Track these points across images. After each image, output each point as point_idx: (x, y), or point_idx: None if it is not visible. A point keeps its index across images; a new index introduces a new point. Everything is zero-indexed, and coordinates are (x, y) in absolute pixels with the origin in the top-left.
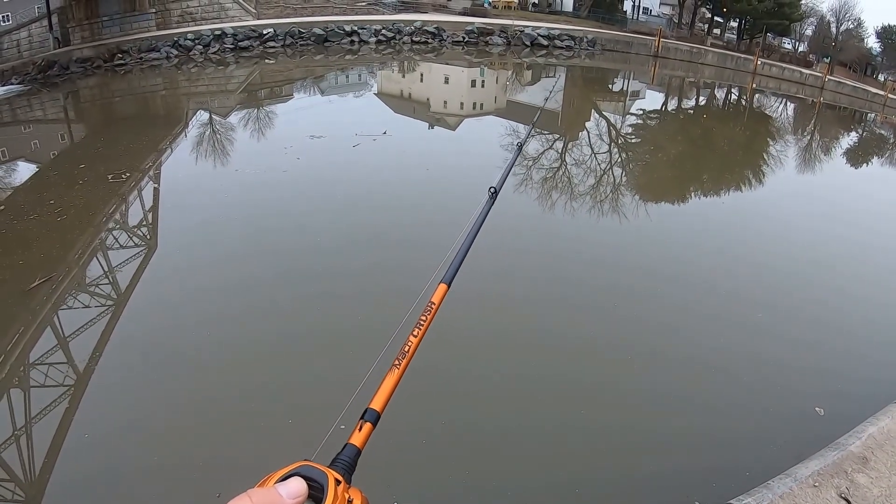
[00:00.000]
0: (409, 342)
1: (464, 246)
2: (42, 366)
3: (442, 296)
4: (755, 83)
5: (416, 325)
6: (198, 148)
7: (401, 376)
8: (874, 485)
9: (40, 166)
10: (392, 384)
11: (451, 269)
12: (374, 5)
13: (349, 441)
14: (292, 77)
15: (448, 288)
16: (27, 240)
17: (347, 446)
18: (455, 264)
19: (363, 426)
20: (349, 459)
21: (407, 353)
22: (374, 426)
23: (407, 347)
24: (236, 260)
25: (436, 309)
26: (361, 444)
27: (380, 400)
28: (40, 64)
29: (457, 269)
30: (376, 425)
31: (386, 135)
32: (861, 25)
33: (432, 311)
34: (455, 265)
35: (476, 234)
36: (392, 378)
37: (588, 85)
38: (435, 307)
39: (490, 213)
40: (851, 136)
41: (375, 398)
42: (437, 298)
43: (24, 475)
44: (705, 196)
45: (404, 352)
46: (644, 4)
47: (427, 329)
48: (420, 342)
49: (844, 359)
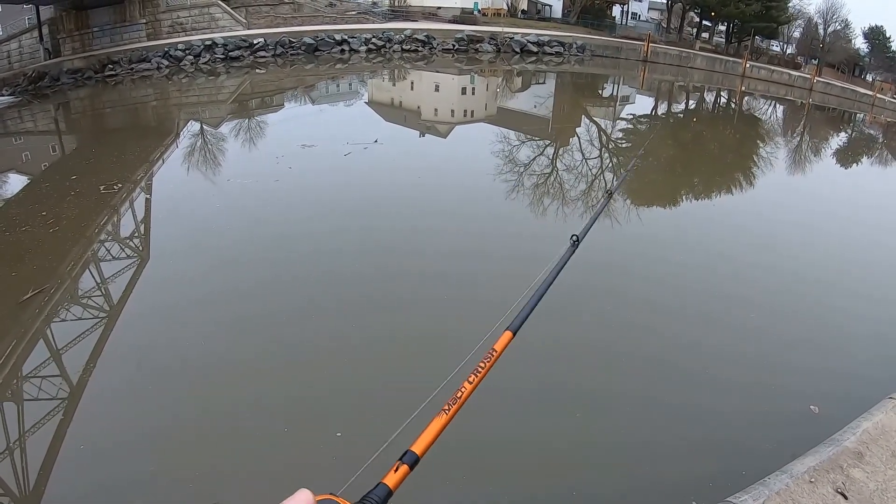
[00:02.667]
0: (464, 388)
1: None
2: (35, 378)
3: (506, 344)
4: (744, 86)
5: (474, 371)
6: (189, 158)
7: (448, 422)
8: (870, 479)
9: (32, 178)
10: (438, 429)
11: (519, 318)
12: (364, 14)
13: (382, 481)
14: (283, 87)
15: (513, 337)
16: (19, 252)
17: (380, 486)
18: (524, 313)
19: (399, 467)
20: (378, 499)
21: (459, 398)
22: (411, 470)
23: (460, 393)
24: (228, 270)
25: (496, 357)
26: (394, 485)
27: (422, 444)
28: (31, 75)
29: (525, 318)
30: (413, 469)
31: (377, 143)
32: (848, 27)
33: (493, 358)
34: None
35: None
36: (438, 423)
37: (578, 90)
38: (496, 355)
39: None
40: (841, 137)
41: (418, 441)
42: (500, 347)
43: (19, 489)
44: (696, 199)
45: (457, 397)
46: (633, 10)
47: (484, 377)
48: (475, 389)
49: (838, 357)
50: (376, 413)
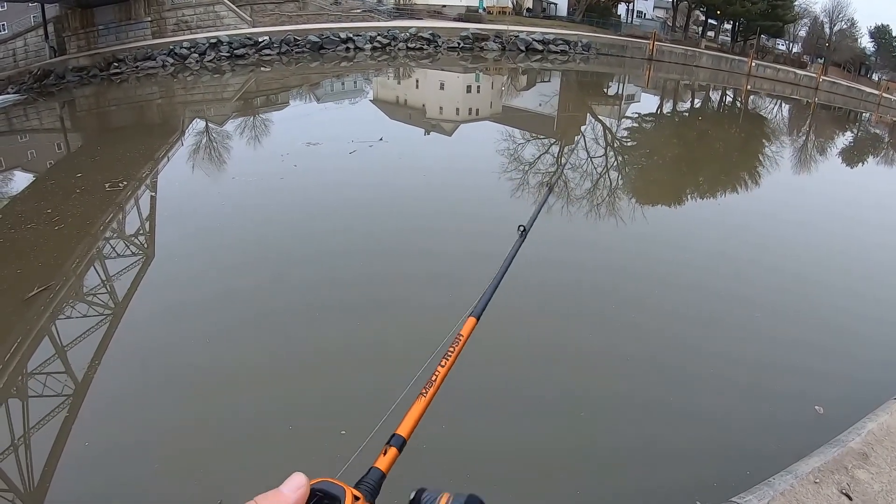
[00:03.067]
0: (437, 372)
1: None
2: (40, 375)
3: (471, 329)
4: (750, 85)
5: (444, 355)
6: (194, 156)
7: (427, 404)
8: (875, 480)
9: (37, 175)
10: (419, 412)
11: (480, 303)
12: (369, 12)
13: (374, 465)
14: (288, 84)
15: (477, 321)
16: (24, 249)
17: (372, 469)
18: (485, 299)
19: (388, 451)
20: (373, 482)
21: (434, 382)
22: (400, 452)
23: (434, 377)
24: (233, 269)
25: (464, 341)
26: (386, 468)
27: (406, 426)
28: (36, 73)
29: (486, 304)
30: (401, 451)
31: (382, 141)
32: (854, 26)
33: (460, 342)
34: (485, 299)
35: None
36: (419, 406)
37: (583, 89)
38: (463, 339)
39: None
40: (847, 136)
41: (402, 424)
42: (466, 332)
43: (24, 485)
44: (701, 198)
45: (431, 381)
46: (638, 8)
47: (455, 361)
48: (447, 372)
49: (843, 358)
50: (373, 406)
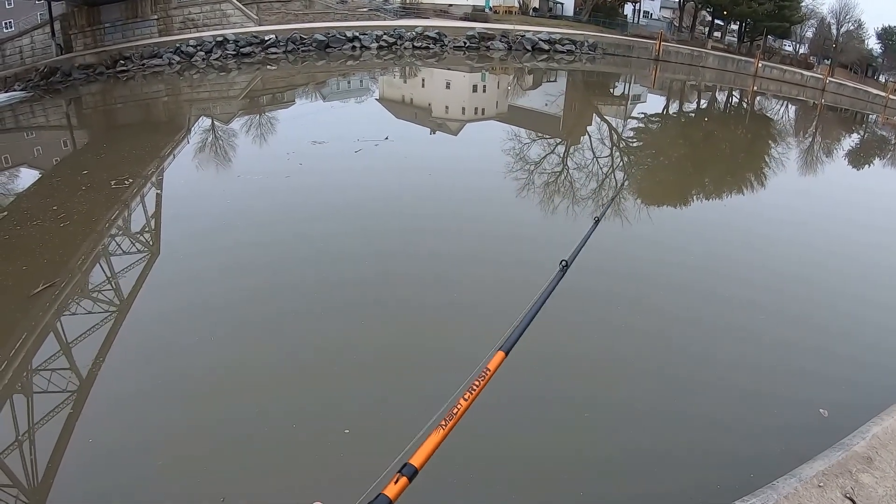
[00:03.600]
0: (459, 405)
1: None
2: (45, 371)
3: (498, 363)
4: (756, 86)
5: (469, 388)
6: (200, 154)
7: (445, 437)
8: (879, 484)
9: (43, 172)
10: (435, 443)
11: (511, 338)
12: (375, 11)
13: (382, 492)
14: (294, 83)
15: (506, 356)
16: (30, 246)
17: (380, 496)
18: (517, 333)
19: (399, 479)
20: None
21: (455, 414)
22: (410, 482)
23: (456, 409)
24: (237, 267)
25: (489, 376)
26: (394, 496)
27: (420, 457)
28: (43, 70)
29: (517, 338)
30: (412, 481)
31: (388, 140)
32: (861, 27)
33: (486, 377)
34: (517, 334)
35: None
36: (436, 437)
37: (589, 89)
38: (490, 374)
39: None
40: (853, 138)
41: (416, 454)
42: (493, 366)
43: (27, 481)
44: (707, 199)
45: (452, 413)
46: (644, 8)
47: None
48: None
49: (848, 362)
50: (377, 420)
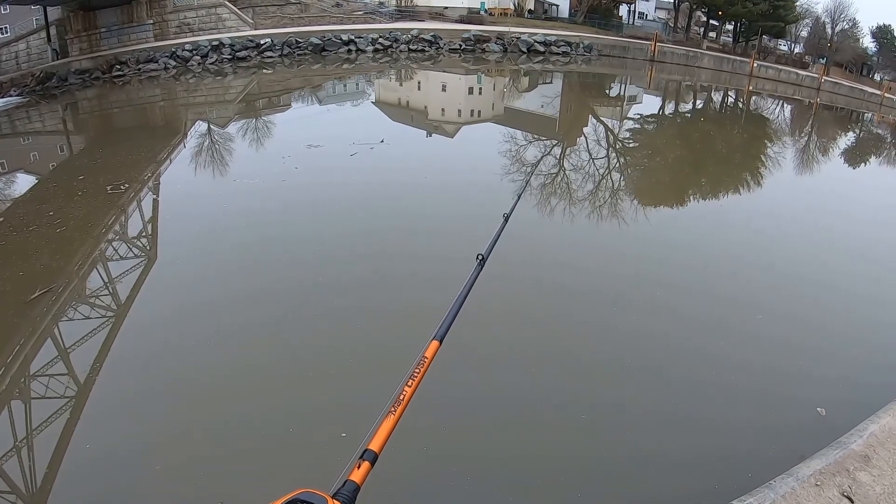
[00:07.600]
0: (405, 392)
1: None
2: (43, 377)
3: (434, 352)
4: (752, 85)
5: (411, 375)
6: (196, 158)
7: (397, 421)
8: (876, 482)
9: (39, 178)
10: (389, 428)
11: (443, 327)
12: (370, 14)
13: (349, 478)
14: (290, 87)
15: (440, 345)
16: (27, 251)
17: (347, 482)
18: (447, 323)
19: (361, 465)
20: (349, 494)
21: (402, 400)
22: (373, 466)
23: (402, 395)
24: (234, 271)
25: (428, 363)
26: (360, 480)
27: (377, 441)
28: (39, 75)
29: (448, 328)
30: (374, 465)
31: (383, 143)
32: (856, 26)
33: (425, 364)
34: (447, 323)
35: (465, 297)
36: (388, 423)
37: (585, 90)
38: (427, 362)
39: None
40: (849, 137)
41: (374, 440)
42: (430, 354)
43: (26, 486)
44: (704, 199)
45: (399, 399)
46: (640, 9)
47: (420, 381)
48: (414, 392)
49: (845, 360)
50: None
